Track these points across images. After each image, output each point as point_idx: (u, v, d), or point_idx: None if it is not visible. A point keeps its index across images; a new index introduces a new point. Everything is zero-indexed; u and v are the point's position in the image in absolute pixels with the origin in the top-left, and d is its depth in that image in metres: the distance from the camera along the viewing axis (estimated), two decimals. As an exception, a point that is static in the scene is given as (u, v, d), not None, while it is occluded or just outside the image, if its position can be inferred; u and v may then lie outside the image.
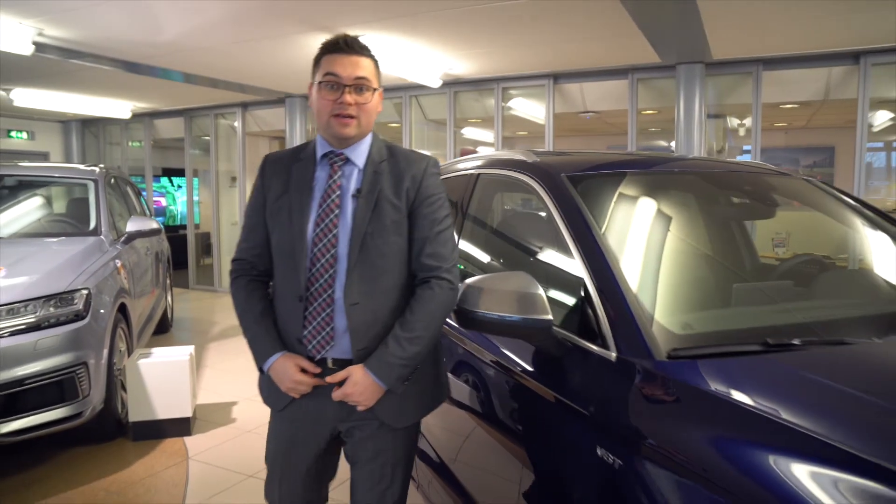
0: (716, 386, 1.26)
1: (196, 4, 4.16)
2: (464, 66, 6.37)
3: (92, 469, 3.34)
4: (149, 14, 4.36)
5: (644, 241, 1.87)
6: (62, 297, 3.20)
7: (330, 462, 1.77)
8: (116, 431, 3.70)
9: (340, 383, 1.59)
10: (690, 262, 1.93)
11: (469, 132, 8.79)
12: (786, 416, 1.12)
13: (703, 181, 2.16)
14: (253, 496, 3.01)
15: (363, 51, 1.63)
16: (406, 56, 5.73)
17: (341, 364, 1.61)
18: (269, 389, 1.71)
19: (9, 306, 2.97)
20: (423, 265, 1.63)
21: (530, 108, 7.39)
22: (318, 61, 1.65)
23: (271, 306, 1.70)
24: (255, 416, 4.07)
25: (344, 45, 1.61)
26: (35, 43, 4.72)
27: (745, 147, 7.08)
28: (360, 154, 1.66)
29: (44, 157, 10.10)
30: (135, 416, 3.68)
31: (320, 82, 1.61)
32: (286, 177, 1.67)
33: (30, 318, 3.04)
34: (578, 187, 1.90)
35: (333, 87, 1.59)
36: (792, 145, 9.17)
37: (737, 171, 2.43)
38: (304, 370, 1.60)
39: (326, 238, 1.59)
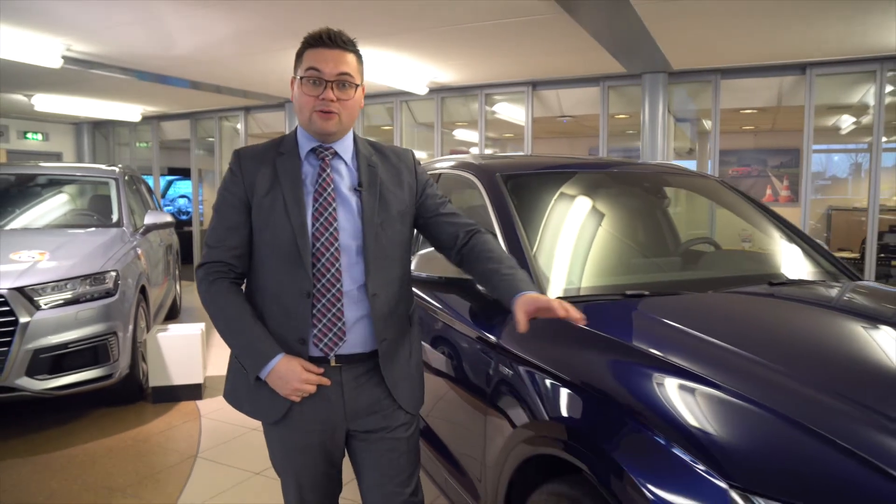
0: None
1: (205, 23, 4.74)
2: (448, 75, 6.95)
3: (119, 423, 3.93)
4: (164, 32, 4.94)
5: (556, 226, 2.46)
6: (96, 277, 3.79)
7: (338, 471, 1.77)
8: (138, 395, 4.29)
9: (337, 381, 1.61)
10: (591, 242, 2.51)
11: (459, 134, 9.37)
12: (613, 335, 1.71)
13: (611, 179, 2.74)
14: (256, 446, 3.60)
15: (347, 45, 1.59)
16: (394, 67, 6.32)
17: (346, 360, 1.61)
18: (255, 400, 1.63)
19: (54, 283, 3.57)
20: (461, 226, 1.72)
21: (512, 112, 7.98)
22: (300, 55, 1.60)
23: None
24: (257, 384, 4.66)
25: (327, 40, 1.56)
26: (63, 57, 5.32)
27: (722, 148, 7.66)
28: (346, 148, 1.66)
29: (57, 157, 10.70)
30: (154, 381, 4.27)
31: (302, 77, 1.57)
32: (271, 172, 1.60)
33: (70, 294, 3.63)
34: (508, 184, 2.48)
35: (315, 83, 1.55)
36: (760, 147, 9.74)
37: (646, 171, 3.01)
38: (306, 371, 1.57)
39: (328, 232, 1.57)
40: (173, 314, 6.82)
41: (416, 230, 1.78)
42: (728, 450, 1.27)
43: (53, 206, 5.04)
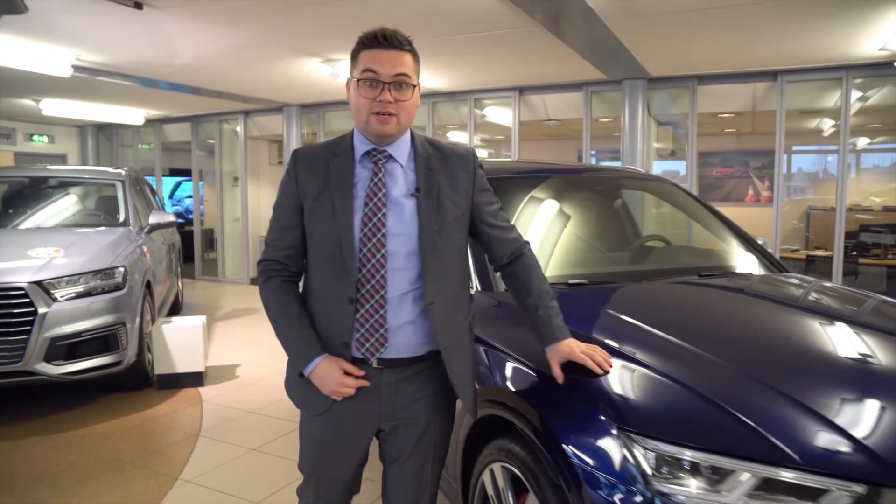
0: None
1: (206, 37, 5.07)
2: (439, 81, 7.28)
3: (127, 407, 4.26)
4: (168, 43, 5.27)
5: (521, 224, 2.78)
6: (106, 272, 4.12)
7: (361, 471, 1.78)
8: (145, 382, 4.62)
9: (377, 384, 1.62)
10: (550, 238, 2.84)
11: (453, 136, 9.70)
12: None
13: (567, 183, 3.07)
14: (253, 427, 3.93)
15: (403, 45, 1.56)
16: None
17: (389, 363, 1.61)
18: (302, 393, 1.66)
19: (68, 277, 3.89)
20: (508, 244, 1.73)
21: (500, 116, 8.30)
22: (355, 56, 1.58)
23: (306, 308, 1.65)
24: (254, 373, 4.99)
25: (383, 40, 1.53)
26: (73, 66, 5.65)
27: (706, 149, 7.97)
28: (402, 151, 1.62)
29: (62, 158, 11.02)
30: (159, 369, 4.60)
31: (358, 79, 1.54)
32: (324, 174, 1.59)
33: (83, 287, 3.96)
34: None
35: (372, 85, 1.52)
36: (742, 149, 10.08)
37: (607, 176, 3.34)
38: (346, 373, 1.58)
39: (375, 238, 1.54)
40: (175, 310, 7.14)
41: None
42: (623, 404, 1.60)
43: (64, 207, 5.36)
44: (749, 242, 2.99)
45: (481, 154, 10.79)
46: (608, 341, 1.81)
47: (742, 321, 2.10)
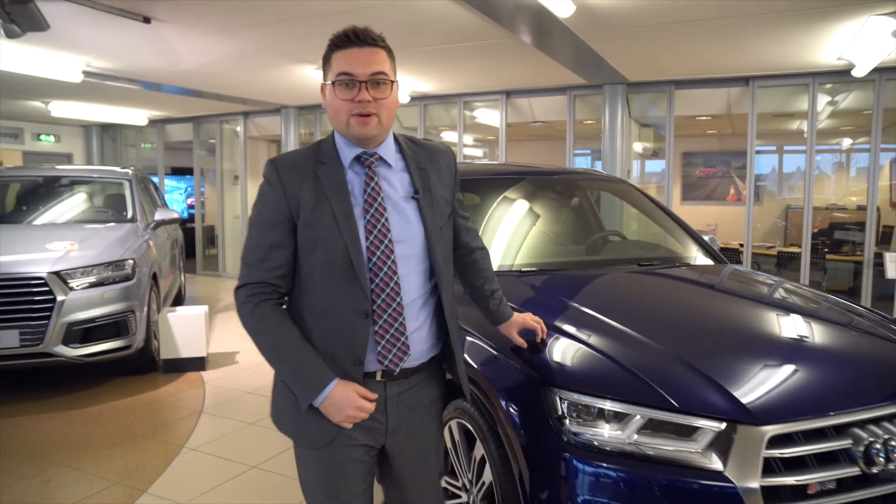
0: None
1: (208, 46, 5.44)
2: (429, 85, 7.65)
3: (136, 387, 4.65)
4: (173, 52, 5.64)
5: (487, 220, 3.15)
6: (117, 264, 4.50)
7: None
8: (151, 366, 5.00)
9: (381, 397, 1.56)
10: (511, 232, 3.21)
11: (446, 136, 10.07)
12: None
13: (531, 184, 3.44)
14: (252, 405, 4.30)
15: (377, 42, 1.50)
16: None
17: (391, 376, 1.55)
18: (301, 424, 1.53)
19: (83, 269, 4.27)
20: (472, 234, 1.82)
21: (489, 117, 8.67)
22: (327, 59, 1.51)
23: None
24: (252, 359, 5.37)
25: (355, 38, 1.47)
26: (83, 72, 6.02)
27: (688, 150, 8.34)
28: (389, 152, 1.57)
29: (68, 158, 11.39)
30: (165, 354, 4.98)
31: (333, 82, 1.47)
32: (314, 184, 1.49)
33: (96, 278, 4.33)
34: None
35: (348, 86, 1.46)
36: (724, 150, 10.45)
37: (569, 177, 3.71)
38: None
39: (383, 244, 1.48)
40: (178, 302, 7.51)
41: None
42: (548, 366, 1.98)
43: (75, 204, 5.74)
44: (693, 237, 3.37)
45: (475, 154, 11.15)
46: (546, 318, 2.18)
47: (659, 301, 2.48)
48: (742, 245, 7.68)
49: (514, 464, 1.93)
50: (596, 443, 1.78)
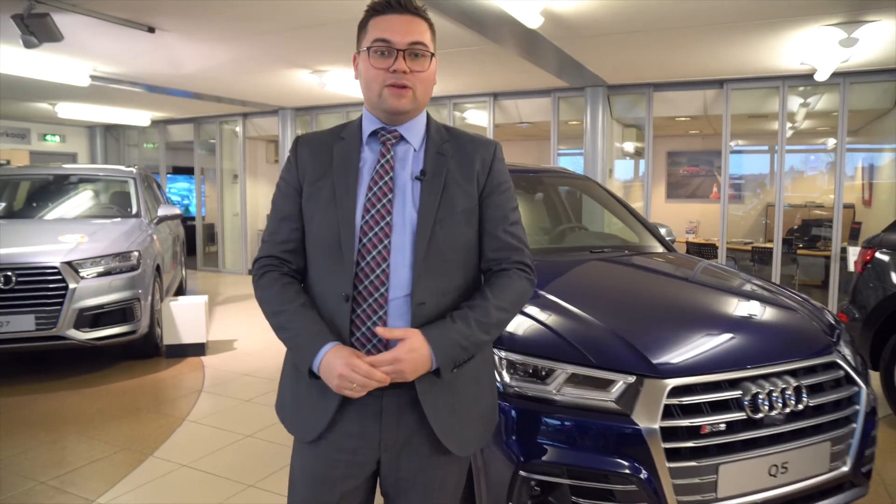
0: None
1: (208, 52, 5.80)
2: (419, 87, 8.00)
3: (141, 370, 5.01)
4: (175, 58, 6.00)
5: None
6: (123, 255, 4.86)
7: None
8: (155, 352, 5.36)
9: (377, 408, 1.40)
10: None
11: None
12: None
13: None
14: (247, 384, 4.66)
15: (418, 10, 1.40)
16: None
17: (391, 384, 1.34)
18: (295, 414, 1.47)
19: (93, 259, 4.64)
20: (499, 253, 1.45)
21: (478, 118, 9.03)
22: (363, 25, 1.41)
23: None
24: (250, 347, 5.73)
25: (396, 4, 1.37)
26: (90, 76, 6.38)
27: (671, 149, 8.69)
28: (415, 133, 1.44)
29: (73, 157, 11.76)
30: (167, 340, 5.34)
31: (369, 48, 1.37)
32: (327, 158, 1.43)
33: (104, 268, 4.70)
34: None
35: (385, 54, 1.36)
36: (707, 149, 10.79)
37: (538, 173, 4.07)
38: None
39: (378, 227, 1.36)
40: (180, 295, 7.88)
41: None
42: (501, 336, 2.33)
43: (83, 201, 6.10)
44: (648, 228, 3.73)
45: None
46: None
47: (599, 280, 2.85)
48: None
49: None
50: (529, 393, 2.14)
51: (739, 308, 2.66)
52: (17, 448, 3.50)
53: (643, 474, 2.00)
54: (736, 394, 2.12)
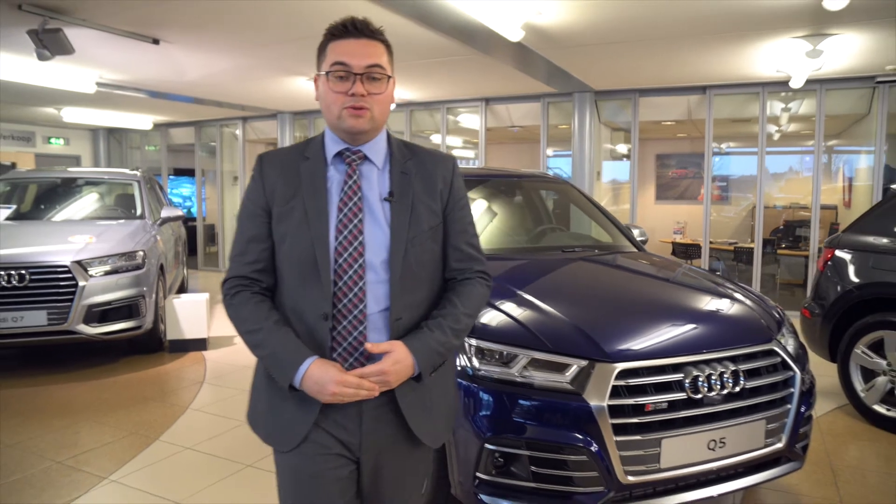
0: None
1: (211, 62, 6.08)
2: (413, 94, 8.30)
3: (146, 363, 5.29)
4: (178, 66, 6.28)
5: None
6: (129, 255, 5.14)
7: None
8: (159, 346, 5.64)
9: (356, 410, 1.46)
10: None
11: (434, 139, 10.71)
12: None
13: (477, 183, 4.06)
14: (247, 376, 4.91)
15: (375, 34, 1.45)
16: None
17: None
18: (271, 425, 1.51)
19: (100, 258, 4.92)
20: (463, 263, 1.56)
21: (470, 122, 9.31)
22: (322, 49, 1.47)
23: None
24: (250, 341, 6.01)
25: (353, 29, 1.43)
26: (96, 83, 6.67)
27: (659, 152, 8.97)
28: (377, 152, 1.50)
29: (76, 160, 12.04)
30: (170, 336, 5.62)
31: (328, 72, 1.43)
32: (295, 178, 1.47)
33: (111, 266, 4.98)
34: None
35: (343, 78, 1.41)
36: (696, 152, 11.06)
37: (520, 178, 4.34)
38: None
39: (352, 246, 1.42)
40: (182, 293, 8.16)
41: None
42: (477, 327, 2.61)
43: (89, 203, 6.38)
44: (620, 229, 4.00)
45: (465, 155, 11.72)
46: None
47: (566, 276, 3.13)
48: (710, 241, 8.33)
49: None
50: (495, 376, 2.42)
51: (689, 301, 2.94)
52: (34, 432, 3.78)
53: (593, 447, 2.28)
54: (678, 376, 2.39)
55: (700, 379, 2.39)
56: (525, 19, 4.43)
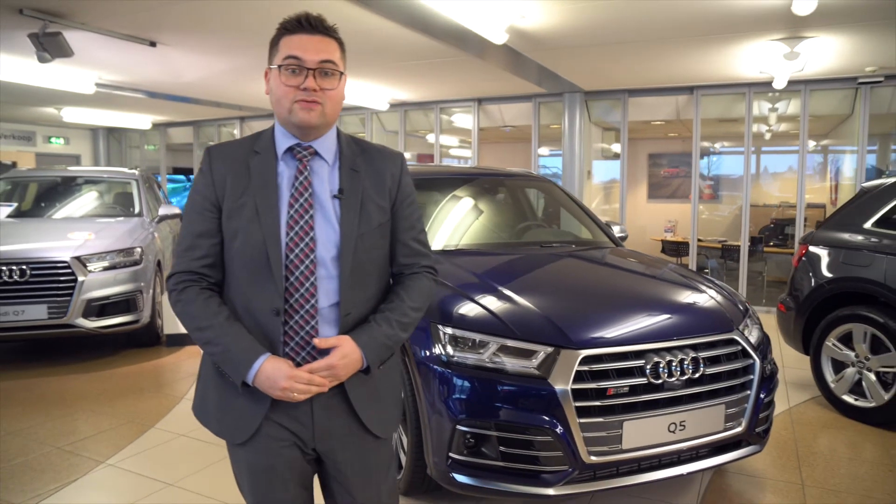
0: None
1: (208, 63, 6.24)
2: (407, 94, 8.45)
3: (143, 357, 5.45)
4: (175, 68, 6.44)
5: (429, 214, 3.92)
6: (127, 251, 5.30)
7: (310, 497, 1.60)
8: (156, 341, 5.80)
9: (307, 402, 1.48)
10: (447, 222, 3.98)
11: (431, 138, 10.85)
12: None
13: (462, 182, 4.21)
14: (241, 368, 5.09)
15: (329, 31, 1.47)
16: (359, 90, 7.82)
17: None
18: (221, 418, 1.51)
19: (99, 254, 5.08)
20: (410, 259, 1.60)
21: (464, 122, 9.47)
22: (275, 42, 1.48)
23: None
24: (245, 336, 6.17)
25: (307, 24, 1.44)
26: (95, 84, 6.82)
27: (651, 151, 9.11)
28: (328, 148, 1.51)
29: (76, 159, 12.20)
30: (167, 330, 5.78)
31: (280, 66, 1.43)
32: (244, 174, 1.47)
33: (109, 262, 5.14)
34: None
35: (295, 72, 1.42)
36: (687, 151, 11.19)
37: (503, 176, 4.49)
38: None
39: (304, 242, 1.43)
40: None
41: None
42: (441, 313, 2.75)
43: (88, 201, 6.53)
44: (599, 226, 4.16)
45: (462, 154, 11.89)
46: (452, 283, 2.97)
47: (541, 270, 3.28)
48: (699, 239, 8.49)
49: (412, 376, 2.72)
50: (467, 362, 2.57)
51: (655, 293, 3.09)
52: (34, 420, 3.94)
53: (558, 428, 2.43)
54: (639, 363, 2.54)
55: (661, 365, 2.54)
56: (509, 23, 4.58)
